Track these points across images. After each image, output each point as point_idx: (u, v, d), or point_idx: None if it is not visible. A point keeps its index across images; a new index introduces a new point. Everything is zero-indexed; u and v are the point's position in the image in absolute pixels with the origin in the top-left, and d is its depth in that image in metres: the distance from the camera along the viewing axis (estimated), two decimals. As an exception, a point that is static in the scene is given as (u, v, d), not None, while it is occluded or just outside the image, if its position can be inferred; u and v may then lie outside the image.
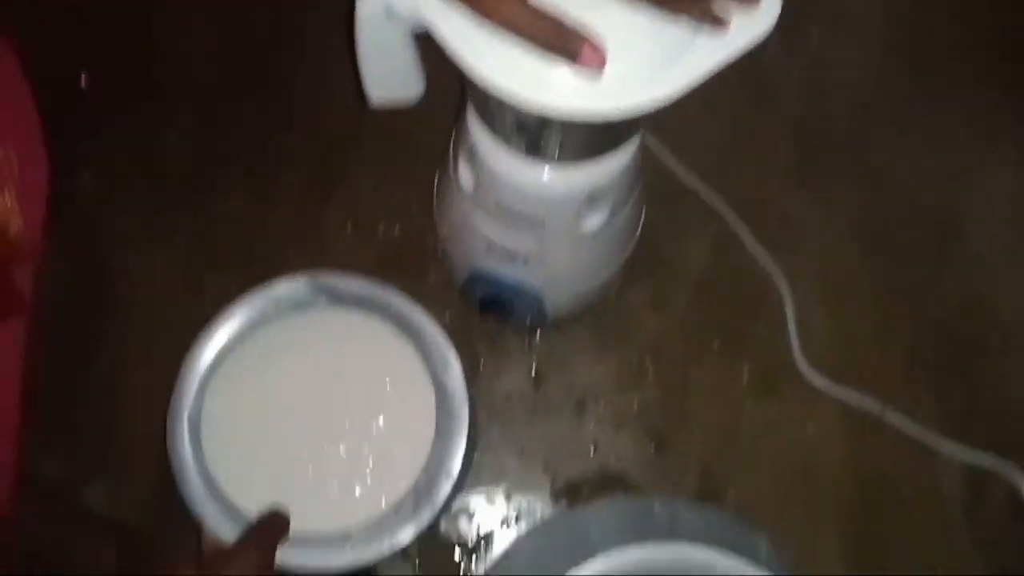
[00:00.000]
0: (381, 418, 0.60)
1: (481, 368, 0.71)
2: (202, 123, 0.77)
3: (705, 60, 0.39)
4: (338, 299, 0.60)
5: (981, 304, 0.72)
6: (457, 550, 0.67)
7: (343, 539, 0.56)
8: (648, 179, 0.73)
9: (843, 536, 0.67)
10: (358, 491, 0.58)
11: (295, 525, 0.56)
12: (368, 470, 0.59)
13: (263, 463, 0.59)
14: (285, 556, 0.55)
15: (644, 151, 0.73)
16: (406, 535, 0.56)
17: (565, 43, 0.37)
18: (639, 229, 0.65)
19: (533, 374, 0.71)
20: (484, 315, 0.70)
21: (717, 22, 0.39)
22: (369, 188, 0.75)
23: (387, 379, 0.60)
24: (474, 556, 0.67)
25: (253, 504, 0.57)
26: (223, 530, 0.56)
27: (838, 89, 0.78)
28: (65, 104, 0.75)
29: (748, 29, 0.39)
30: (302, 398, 0.60)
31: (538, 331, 0.72)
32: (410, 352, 0.60)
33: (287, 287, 0.60)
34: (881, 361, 0.71)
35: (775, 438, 0.69)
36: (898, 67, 0.79)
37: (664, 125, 0.72)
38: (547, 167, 0.51)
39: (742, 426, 0.70)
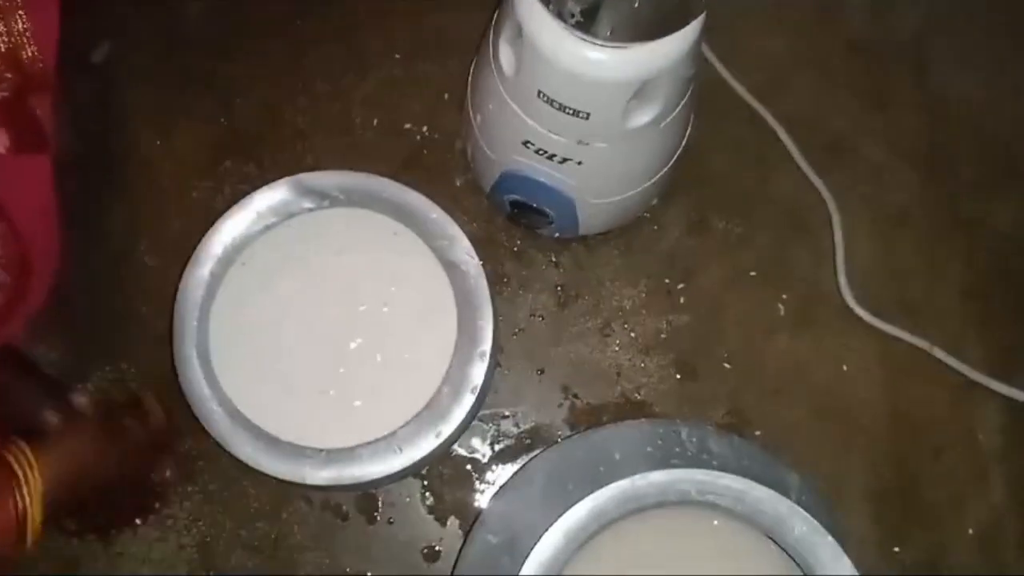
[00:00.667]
0: (396, 311, 0.56)
1: (505, 282, 0.67)
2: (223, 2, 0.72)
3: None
4: (327, 198, 0.56)
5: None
6: (469, 467, 0.64)
7: (390, 441, 0.53)
8: (701, 93, 0.69)
9: (872, 476, 0.64)
10: (388, 386, 0.55)
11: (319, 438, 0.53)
12: (393, 365, 0.56)
13: (275, 376, 0.55)
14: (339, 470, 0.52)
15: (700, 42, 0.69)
16: (452, 422, 0.53)
17: None
18: (685, 138, 0.61)
19: (559, 292, 0.67)
20: (512, 223, 0.66)
21: None
22: (399, 82, 0.71)
23: (394, 271, 0.57)
24: (487, 475, 0.63)
25: (267, 416, 0.54)
26: (233, 440, 0.53)
27: (905, 6, 0.73)
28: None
29: None
30: (309, 307, 0.57)
31: (567, 247, 0.68)
32: (412, 238, 0.56)
33: (269, 195, 0.56)
34: (930, 296, 0.67)
35: (809, 374, 0.66)
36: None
37: (722, 35, 0.67)
38: (599, 47, 0.47)
39: (775, 360, 0.66)
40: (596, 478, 0.49)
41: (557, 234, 0.66)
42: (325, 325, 0.56)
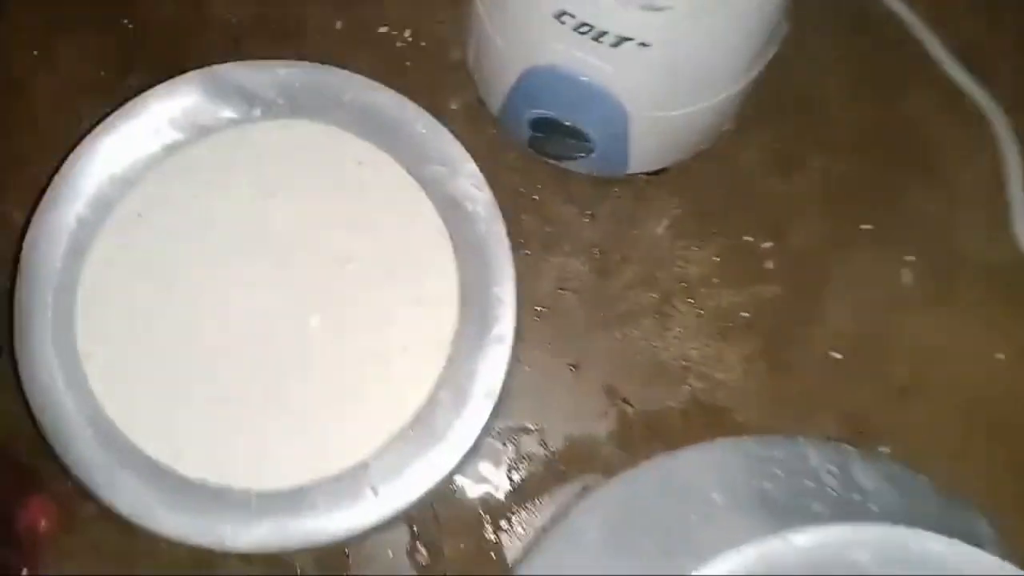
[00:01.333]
0: (365, 278, 0.37)
1: (523, 242, 0.48)
2: None
3: None
4: (258, 104, 0.36)
5: None
6: (478, 506, 0.44)
7: (359, 478, 0.33)
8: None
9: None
10: (354, 393, 0.36)
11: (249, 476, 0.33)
12: (362, 360, 0.36)
13: (179, 380, 0.36)
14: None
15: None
16: (455, 447, 0.35)
17: None
18: (782, 32, 0.42)
19: (597, 256, 0.49)
20: (533, 158, 0.47)
21: None
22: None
23: (361, 216, 0.37)
24: (504, 518, 0.44)
25: (164, 442, 0.34)
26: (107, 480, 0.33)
27: None
28: None
29: None
30: (231, 275, 0.37)
31: (609, 192, 0.49)
32: (389, 164, 0.37)
33: (170, 100, 0.36)
34: None
35: (949, 365, 0.48)
36: None
37: None
38: None
39: (900, 346, 0.48)
40: (689, 535, 0.30)
41: (597, 171, 0.47)
42: (257, 302, 0.36)
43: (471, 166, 0.36)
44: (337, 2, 0.52)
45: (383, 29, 0.51)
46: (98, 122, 0.38)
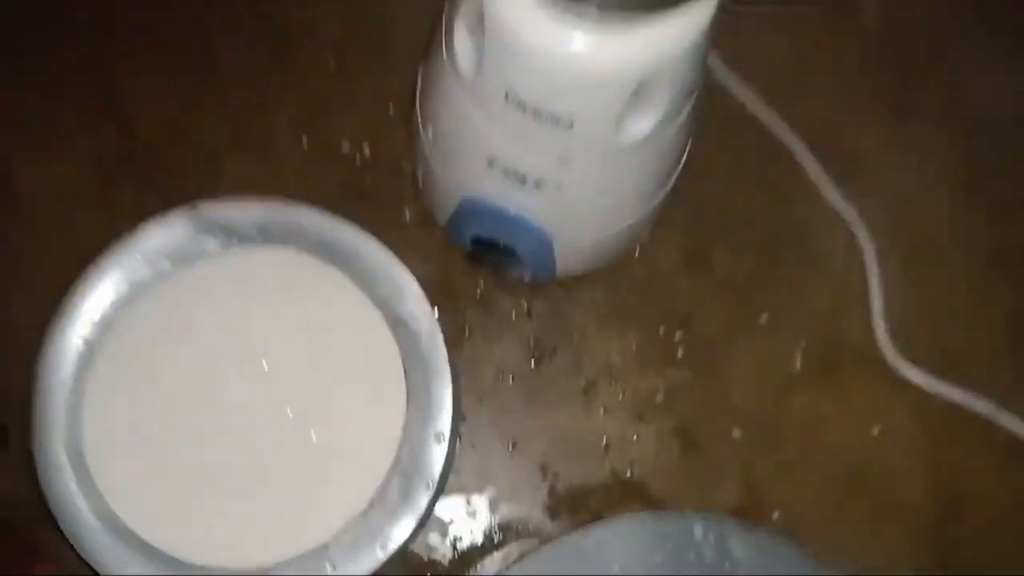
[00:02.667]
0: (327, 384, 0.43)
1: (467, 336, 0.55)
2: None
3: None
4: (235, 236, 0.44)
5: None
6: (427, 573, 0.51)
7: (320, 556, 0.39)
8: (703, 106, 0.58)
9: (916, 561, 0.53)
10: (317, 482, 0.42)
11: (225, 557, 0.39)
12: (324, 454, 0.43)
13: (171, 473, 0.42)
14: None
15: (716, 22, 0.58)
16: (403, 527, 0.41)
17: None
18: (686, 155, 0.50)
19: (532, 347, 0.55)
20: (474, 264, 0.54)
21: None
22: (332, 90, 0.58)
23: (324, 332, 0.44)
24: (448, 583, 0.51)
25: (153, 525, 0.40)
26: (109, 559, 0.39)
27: (928, 4, 0.63)
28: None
29: None
30: (214, 382, 0.44)
31: (541, 292, 0.56)
32: (347, 287, 0.44)
33: (159, 233, 0.43)
34: (975, 340, 0.56)
35: (834, 440, 0.55)
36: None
37: (720, 32, 0.56)
38: (587, 29, 0.35)
39: (793, 424, 0.55)
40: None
41: (530, 276, 0.54)
42: (235, 405, 0.43)
43: (415, 288, 0.43)
44: (302, 119, 0.58)
45: (345, 146, 0.58)
46: (100, 247, 0.45)
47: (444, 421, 0.42)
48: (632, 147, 0.41)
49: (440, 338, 0.43)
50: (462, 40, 0.40)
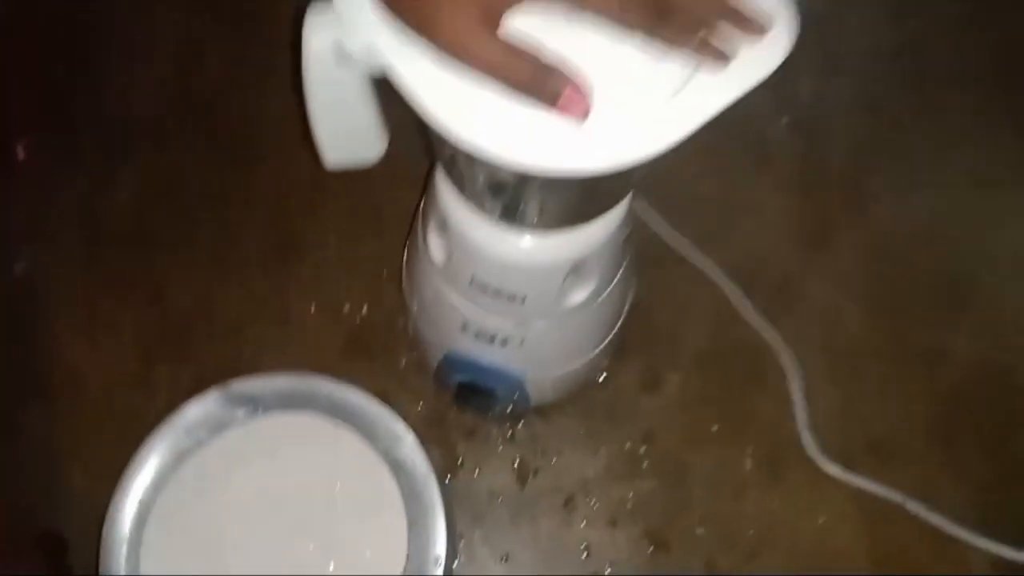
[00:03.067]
0: (341, 518, 0.52)
1: (460, 464, 0.64)
2: (150, 193, 0.71)
3: (706, 102, 0.34)
4: (260, 405, 0.54)
5: (999, 369, 0.67)
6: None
7: None
8: (639, 245, 0.68)
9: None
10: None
11: None
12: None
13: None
14: None
15: (632, 214, 0.69)
16: None
17: (544, 85, 0.32)
18: (629, 302, 0.60)
19: (517, 469, 0.64)
20: (461, 404, 0.63)
21: (718, 57, 0.34)
22: (333, 262, 0.69)
23: (337, 476, 0.53)
24: None
25: None
26: None
27: (834, 141, 0.74)
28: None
29: (754, 64, 0.34)
30: (248, 523, 0.52)
31: (521, 420, 0.65)
32: (354, 438, 0.53)
33: (197, 408, 0.53)
34: (897, 437, 0.65)
35: (786, 531, 0.62)
36: (897, 113, 0.75)
37: (652, 184, 0.67)
38: (527, 235, 0.45)
39: (749, 519, 0.63)
40: None
41: (511, 409, 0.63)
42: (267, 543, 0.52)
43: (410, 437, 0.53)
44: (310, 289, 0.68)
45: (347, 308, 0.68)
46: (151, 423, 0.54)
47: (440, 546, 0.51)
48: (575, 309, 0.52)
49: (433, 478, 0.52)
50: (434, 238, 0.51)
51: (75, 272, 0.68)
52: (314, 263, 0.69)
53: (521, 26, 0.33)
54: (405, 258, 0.59)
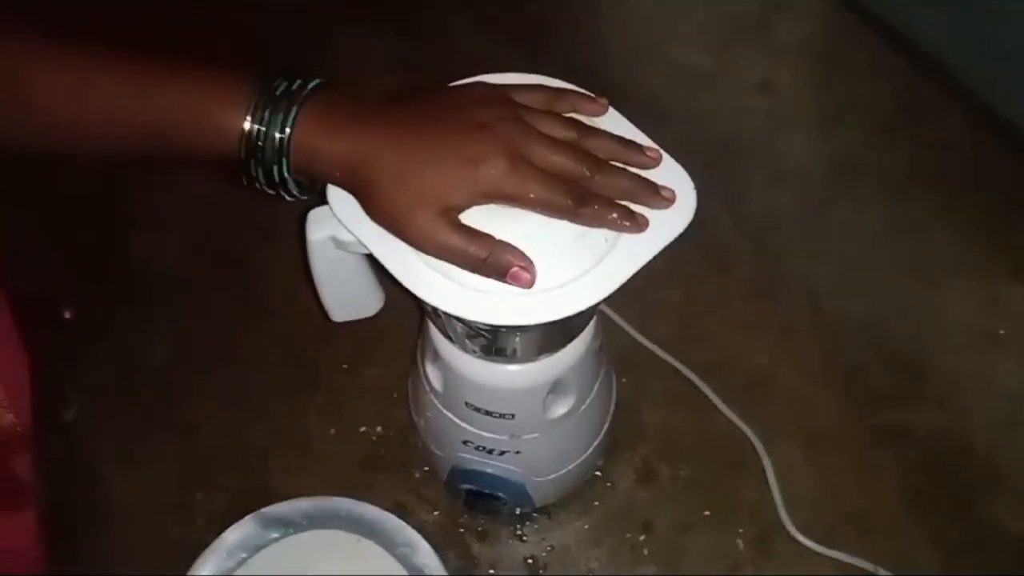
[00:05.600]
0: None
1: (476, 564, 0.70)
2: (177, 339, 0.79)
3: (631, 259, 0.42)
4: (291, 526, 0.60)
5: (958, 441, 0.72)
6: None
7: None
8: (618, 352, 0.75)
9: None
10: None
11: None
12: None
13: None
14: None
15: (608, 325, 0.76)
16: None
17: (496, 262, 0.40)
18: (613, 404, 0.67)
19: (529, 565, 0.70)
20: (471, 509, 0.70)
21: (636, 225, 0.42)
22: (348, 389, 0.77)
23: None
24: None
25: None
26: None
27: (785, 245, 0.82)
28: (49, 337, 0.78)
29: (668, 226, 0.42)
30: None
31: (528, 520, 0.71)
32: (375, 550, 0.60)
33: (236, 533, 0.60)
34: (871, 512, 0.70)
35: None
36: (837, 215, 0.83)
37: (622, 300, 0.74)
38: (508, 365, 0.53)
39: (744, 596, 0.68)
40: None
41: (517, 510, 0.69)
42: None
43: (425, 545, 0.59)
44: (328, 414, 0.75)
45: (363, 428, 0.76)
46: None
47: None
48: (562, 419, 0.59)
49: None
50: (431, 368, 0.58)
51: (116, 415, 0.76)
52: (329, 390, 0.77)
53: (475, 215, 0.41)
54: (410, 383, 0.67)
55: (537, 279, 0.41)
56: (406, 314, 0.68)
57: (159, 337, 0.80)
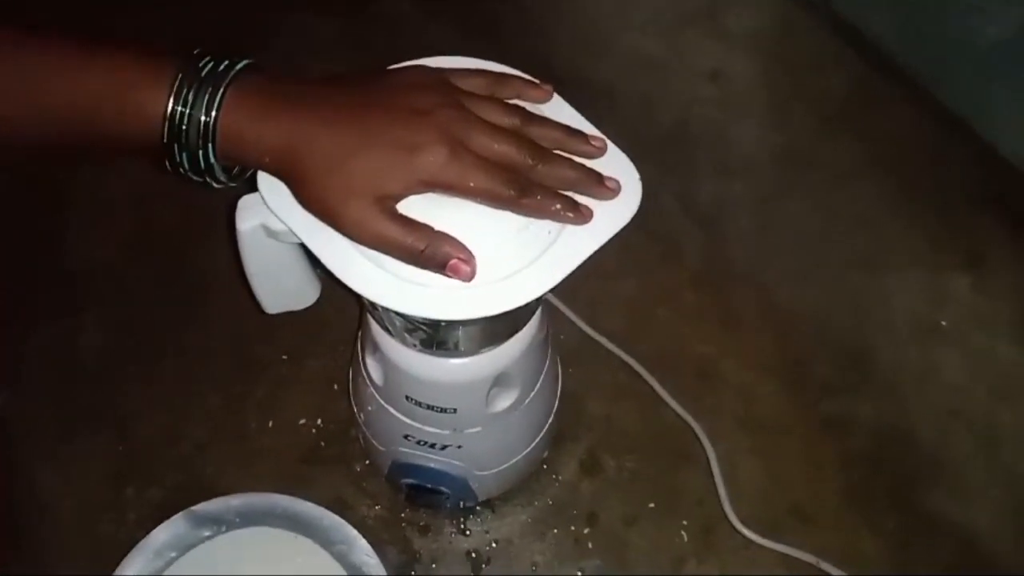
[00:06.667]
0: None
1: (418, 559, 0.68)
2: (113, 332, 0.77)
3: (575, 251, 0.40)
4: (223, 524, 0.58)
5: (901, 432, 0.73)
6: None
7: None
8: (566, 346, 0.74)
9: None
10: None
11: None
12: None
13: None
14: None
15: (557, 316, 0.75)
16: None
17: (434, 254, 0.38)
18: (558, 398, 0.66)
19: (471, 560, 0.69)
20: (413, 503, 0.68)
21: (580, 216, 0.40)
22: (288, 380, 0.75)
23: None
24: None
25: None
26: None
27: (735, 236, 0.81)
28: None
29: (613, 218, 0.41)
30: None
31: (471, 513, 0.70)
32: (312, 547, 0.58)
33: (165, 532, 0.58)
34: (814, 503, 0.70)
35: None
36: (786, 207, 0.83)
37: (569, 290, 0.73)
38: (450, 359, 0.51)
39: (687, 586, 0.68)
40: None
41: (461, 504, 0.68)
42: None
43: (362, 542, 0.58)
44: (267, 406, 0.73)
45: (302, 421, 0.73)
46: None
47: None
48: (505, 412, 0.57)
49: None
50: (371, 361, 0.57)
51: (46, 409, 0.73)
52: (269, 382, 0.74)
53: (412, 205, 0.39)
54: (350, 375, 0.65)
55: (478, 272, 0.39)
56: (348, 303, 0.66)
57: (93, 328, 0.77)
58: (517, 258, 0.41)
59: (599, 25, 0.98)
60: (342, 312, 0.72)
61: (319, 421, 0.73)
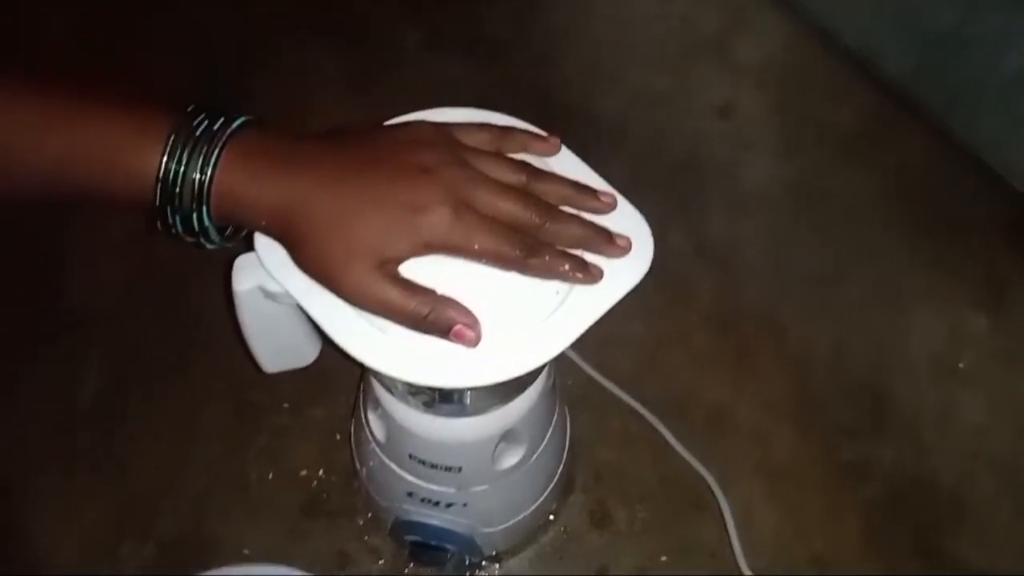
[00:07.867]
0: None
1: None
2: (116, 376, 0.75)
3: (584, 313, 0.39)
4: None
5: (923, 475, 0.71)
6: None
7: None
8: (574, 391, 0.72)
9: None
10: None
11: None
12: None
13: None
14: None
15: (563, 361, 0.73)
16: None
17: (438, 319, 0.37)
18: (566, 449, 0.63)
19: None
20: (417, 561, 0.66)
21: (590, 277, 0.39)
22: (290, 430, 0.72)
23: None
24: None
25: None
26: None
27: (746, 274, 0.79)
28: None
29: (624, 276, 0.39)
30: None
31: (477, 568, 0.67)
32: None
33: None
34: (832, 552, 0.68)
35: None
36: (798, 242, 0.81)
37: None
38: (458, 417, 0.49)
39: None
40: None
41: (467, 560, 0.66)
42: None
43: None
44: (268, 456, 0.71)
45: (304, 472, 0.71)
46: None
47: None
48: (512, 469, 0.55)
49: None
50: (373, 418, 0.55)
51: (43, 454, 0.71)
52: (270, 431, 0.72)
53: (414, 266, 0.38)
54: (352, 432, 0.63)
55: (483, 336, 0.38)
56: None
57: (92, 373, 0.75)
58: (524, 321, 0.39)
59: (605, 57, 0.96)
60: (345, 361, 0.70)
61: (321, 472, 0.71)
